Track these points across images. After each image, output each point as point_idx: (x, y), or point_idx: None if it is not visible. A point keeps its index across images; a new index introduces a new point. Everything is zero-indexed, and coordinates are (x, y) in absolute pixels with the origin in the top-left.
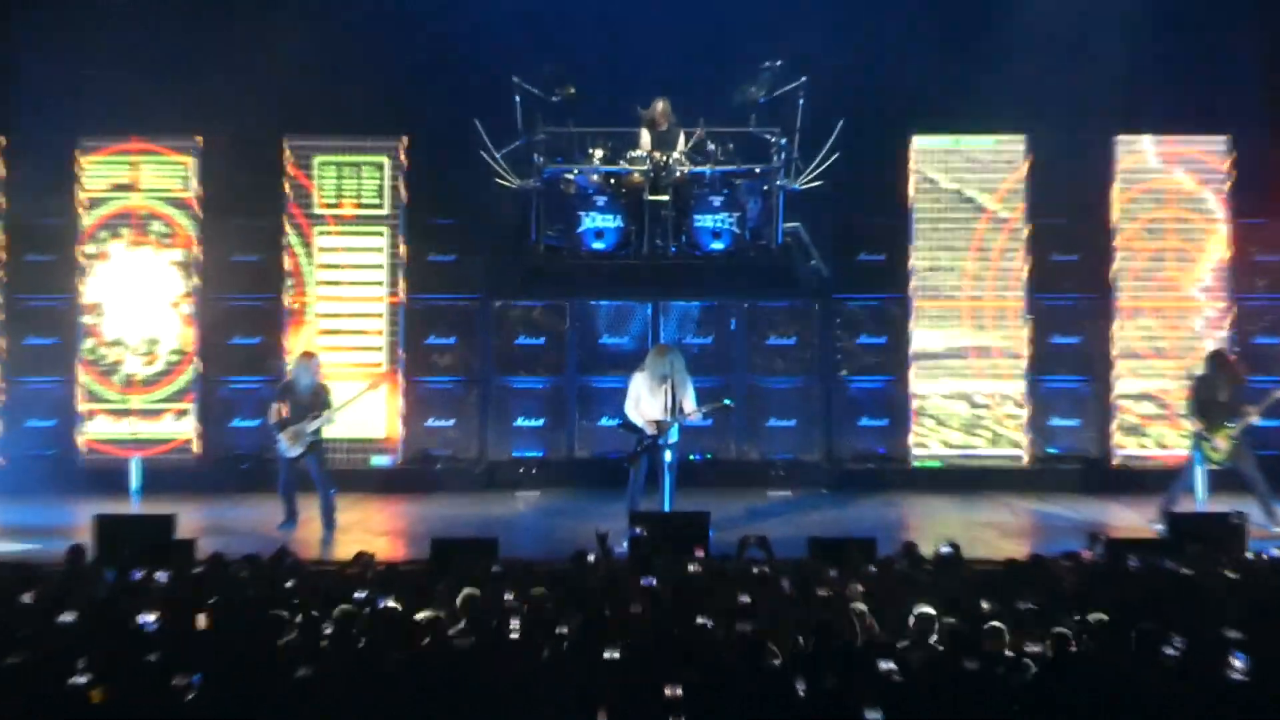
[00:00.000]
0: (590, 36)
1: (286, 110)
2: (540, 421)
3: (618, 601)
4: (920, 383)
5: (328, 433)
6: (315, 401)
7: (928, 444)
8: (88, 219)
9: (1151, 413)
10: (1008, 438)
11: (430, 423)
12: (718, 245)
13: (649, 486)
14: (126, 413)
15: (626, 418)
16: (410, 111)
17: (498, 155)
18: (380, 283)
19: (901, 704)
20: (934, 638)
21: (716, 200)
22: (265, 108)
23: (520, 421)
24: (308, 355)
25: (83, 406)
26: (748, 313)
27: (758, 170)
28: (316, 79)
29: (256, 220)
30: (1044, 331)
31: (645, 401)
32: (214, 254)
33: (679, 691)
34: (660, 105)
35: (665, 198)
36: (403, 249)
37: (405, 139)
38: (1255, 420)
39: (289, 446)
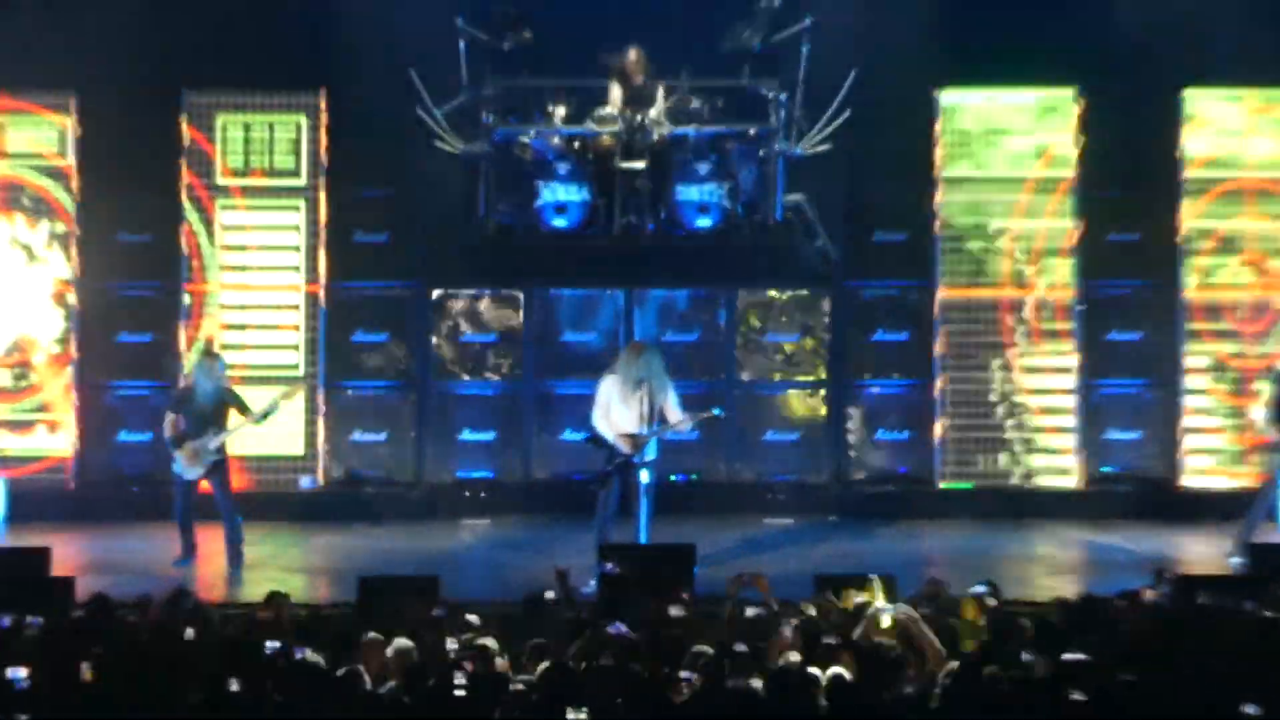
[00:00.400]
0: None
1: (182, 59)
2: (490, 435)
3: (583, 652)
4: (950, 388)
5: (234, 449)
6: (219, 412)
7: (958, 462)
8: None
9: (1228, 424)
10: (1055, 455)
11: (357, 437)
12: (704, 222)
13: (621, 513)
14: None
15: (594, 430)
16: (332, 60)
17: (437, 113)
18: (296, 267)
19: None
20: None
21: (702, 168)
22: (156, 56)
23: (466, 435)
24: (210, 356)
25: None
26: (741, 303)
27: (752, 132)
28: (218, 21)
29: (147, 193)
30: (1098, 326)
31: (617, 411)
32: (96, 233)
33: None
34: (634, 54)
35: (640, 165)
36: (323, 227)
37: (324, 93)
38: None
39: (187, 466)
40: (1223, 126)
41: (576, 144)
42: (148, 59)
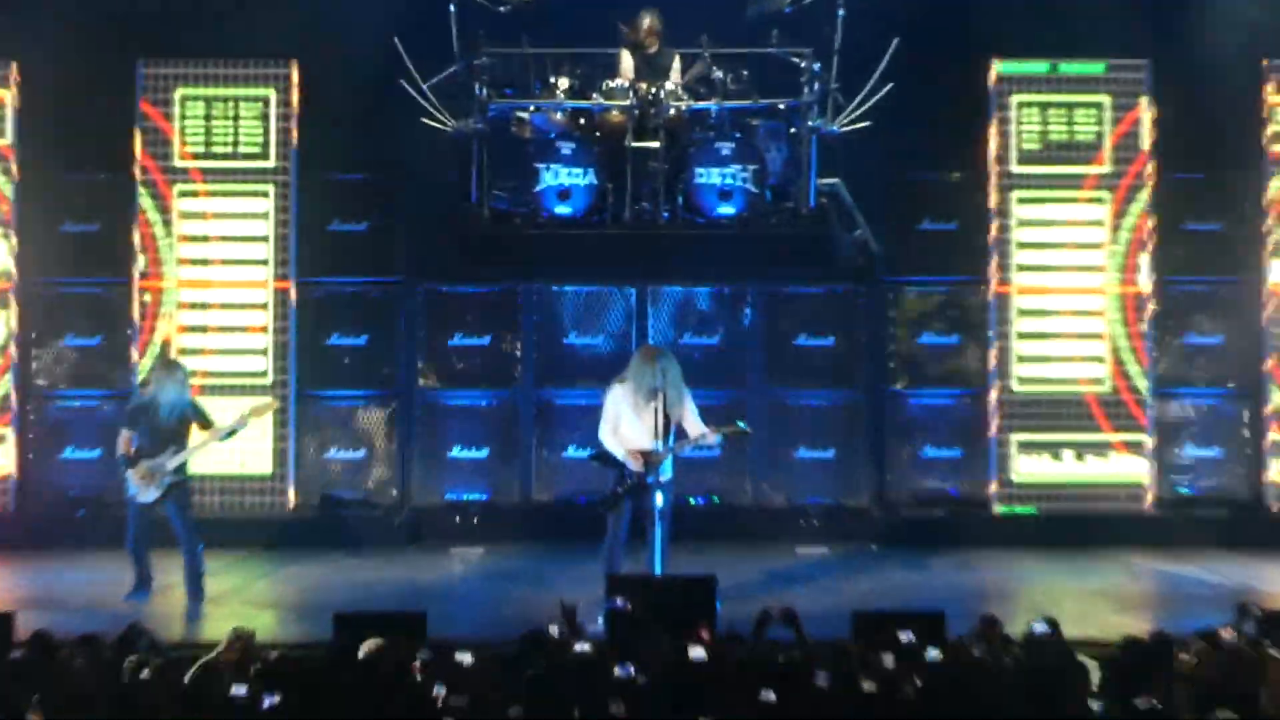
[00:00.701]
0: None
1: (137, 25)
2: (484, 452)
3: (590, 699)
4: (1006, 398)
5: (195, 469)
6: (179, 428)
7: (1016, 482)
8: None
9: None
10: (1125, 474)
11: (333, 454)
12: (727, 209)
13: (633, 541)
14: None
15: (601, 446)
16: (304, 26)
17: (425, 86)
18: (264, 261)
19: None
20: None
21: (725, 148)
22: (108, 21)
23: (456, 452)
24: (170, 364)
25: None
26: (768, 302)
27: (782, 107)
28: None
29: (96, 176)
30: (1174, 328)
31: (628, 424)
32: (38, 223)
33: None
34: (648, 19)
35: (655, 144)
36: (295, 215)
37: (296, 64)
38: None
39: (142, 488)
40: None
41: (582, 120)
42: (98, 24)
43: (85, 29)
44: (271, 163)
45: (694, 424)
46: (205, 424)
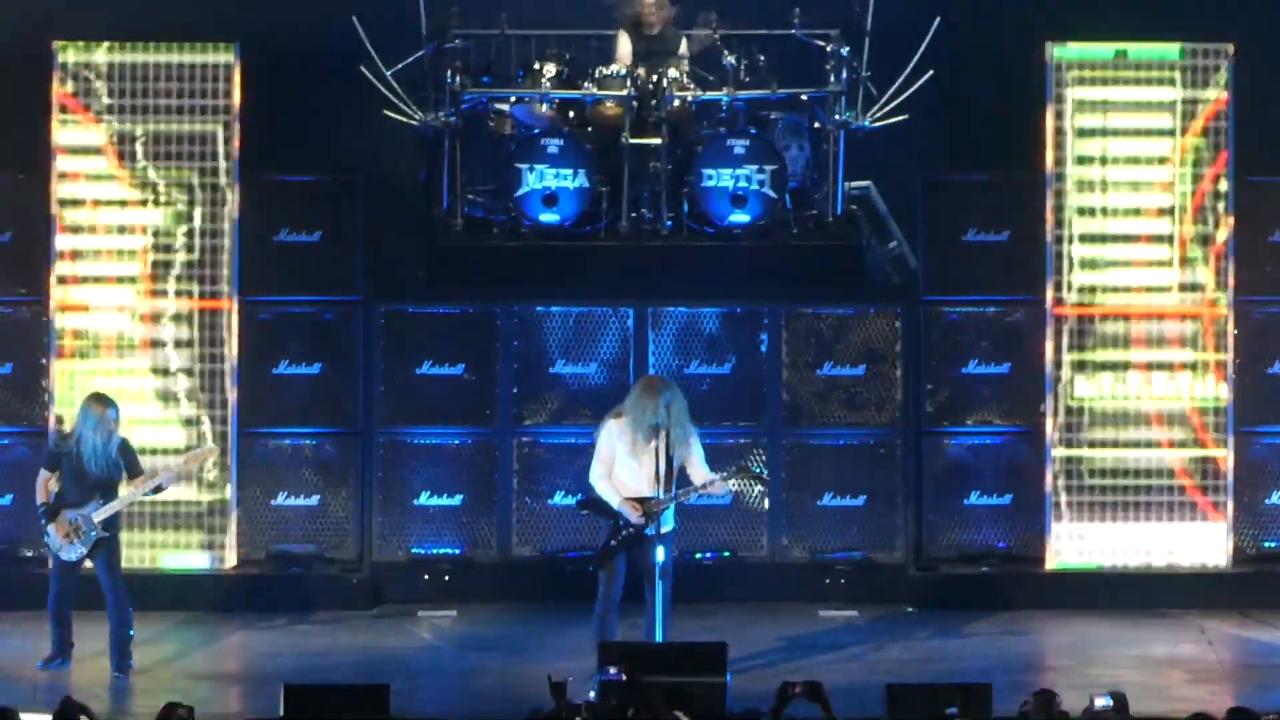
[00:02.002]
0: None
1: (54, 2)
2: (456, 499)
3: None
4: (1064, 437)
5: (124, 522)
6: (108, 476)
7: (1074, 534)
8: None
9: None
10: (1200, 524)
11: (282, 500)
12: (740, 217)
13: (630, 603)
14: None
15: (593, 493)
16: (248, 3)
17: (388, 74)
18: (199, 277)
19: None
20: None
21: (738, 146)
22: None
23: (425, 499)
24: (99, 401)
25: None
26: (788, 325)
27: (804, 98)
28: None
29: (6, 175)
30: (1257, 355)
31: (624, 467)
32: None
33: None
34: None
35: (657, 141)
36: (233, 222)
37: (236, 48)
38: None
39: (63, 543)
40: None
41: (571, 113)
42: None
43: None
44: (208, 161)
45: (700, 468)
46: (135, 472)
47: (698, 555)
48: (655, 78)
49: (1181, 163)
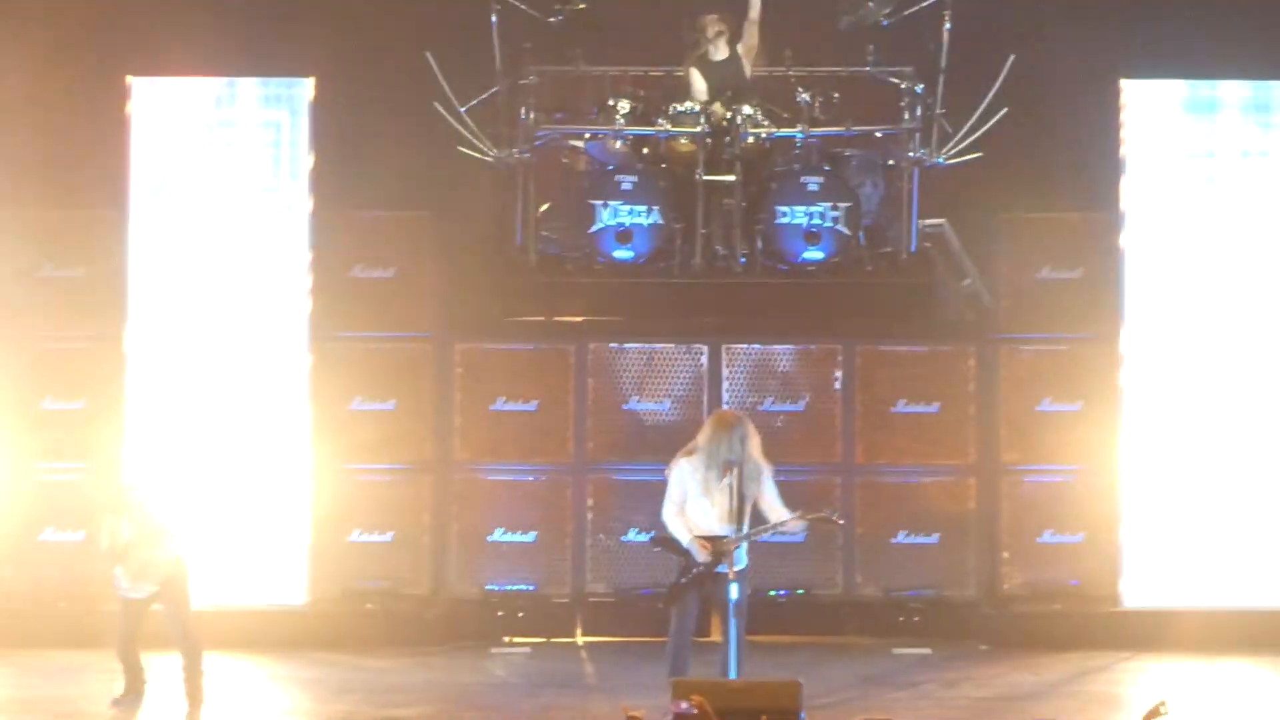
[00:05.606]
0: None
1: (128, 38)
2: (530, 536)
3: None
4: (1141, 474)
5: (195, 558)
6: (178, 514)
7: (1151, 573)
8: None
9: None
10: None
11: (356, 536)
12: (814, 254)
13: (702, 639)
14: None
15: (665, 530)
16: (321, 39)
17: (462, 110)
18: (274, 313)
19: None
20: None
21: (812, 183)
22: (93, 31)
23: (499, 535)
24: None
25: None
26: (862, 362)
27: (879, 135)
28: None
29: (77, 211)
30: None
31: (696, 504)
32: (9, 265)
33: None
34: (709, 18)
35: (730, 178)
36: (309, 257)
37: (313, 82)
38: None
39: (132, 583)
40: None
41: (645, 150)
42: (81, 33)
43: (66, 42)
44: (280, 195)
45: (774, 506)
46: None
47: (771, 592)
48: (729, 114)
49: (1262, 198)
